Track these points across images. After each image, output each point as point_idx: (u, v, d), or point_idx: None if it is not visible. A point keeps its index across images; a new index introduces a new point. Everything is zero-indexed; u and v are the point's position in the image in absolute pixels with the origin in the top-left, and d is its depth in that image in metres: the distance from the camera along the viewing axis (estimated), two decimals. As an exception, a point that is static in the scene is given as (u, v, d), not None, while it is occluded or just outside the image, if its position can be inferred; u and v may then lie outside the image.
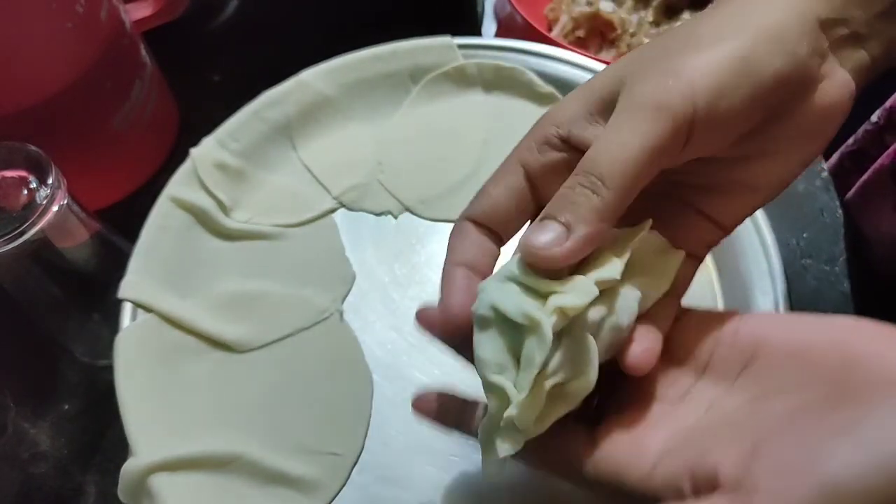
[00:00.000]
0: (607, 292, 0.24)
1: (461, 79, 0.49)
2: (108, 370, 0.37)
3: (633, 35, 0.55)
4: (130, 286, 0.40)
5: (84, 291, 0.42)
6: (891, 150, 0.46)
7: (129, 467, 0.34)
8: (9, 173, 0.36)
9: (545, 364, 0.23)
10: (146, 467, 0.34)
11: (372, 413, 0.38)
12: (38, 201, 0.35)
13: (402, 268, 0.43)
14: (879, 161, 0.47)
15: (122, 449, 0.35)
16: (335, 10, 0.63)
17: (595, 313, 0.24)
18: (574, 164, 0.24)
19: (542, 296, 0.23)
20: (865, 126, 0.52)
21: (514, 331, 0.23)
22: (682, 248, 0.27)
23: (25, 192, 0.35)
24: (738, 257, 0.41)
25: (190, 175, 0.44)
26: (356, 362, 0.40)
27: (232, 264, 0.43)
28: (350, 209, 0.46)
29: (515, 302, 0.23)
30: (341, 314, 0.41)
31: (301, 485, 0.36)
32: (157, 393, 0.37)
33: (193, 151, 0.45)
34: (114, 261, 0.41)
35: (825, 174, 0.52)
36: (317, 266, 0.43)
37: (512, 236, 0.28)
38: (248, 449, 0.36)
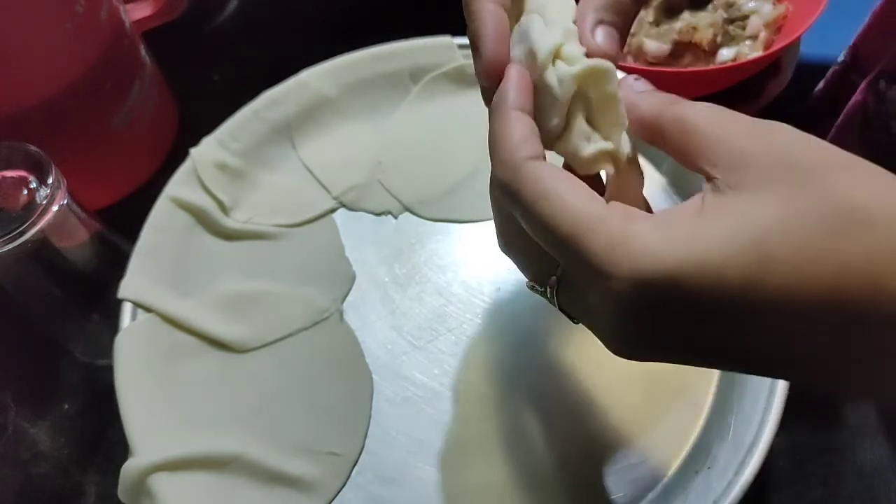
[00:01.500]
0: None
1: (461, 79, 0.49)
2: (108, 370, 0.37)
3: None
4: (130, 286, 0.40)
5: (84, 291, 0.42)
6: (863, 85, 0.44)
7: (129, 467, 0.34)
8: (9, 173, 0.36)
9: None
10: (146, 467, 0.34)
11: (372, 413, 0.38)
12: (38, 201, 0.35)
13: (402, 268, 0.43)
14: (853, 99, 0.45)
15: (122, 449, 0.35)
16: (335, 10, 0.63)
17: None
18: None
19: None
20: (833, 67, 0.50)
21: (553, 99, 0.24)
22: None
23: (25, 192, 0.35)
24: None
25: (190, 175, 0.44)
26: (356, 362, 0.40)
27: (232, 264, 0.43)
28: (350, 209, 0.46)
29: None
30: (341, 314, 0.41)
31: (301, 485, 0.36)
32: (157, 393, 0.37)
33: (193, 151, 0.45)
34: (114, 261, 0.41)
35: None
36: (317, 266, 0.43)
37: None
38: (248, 449, 0.36)
